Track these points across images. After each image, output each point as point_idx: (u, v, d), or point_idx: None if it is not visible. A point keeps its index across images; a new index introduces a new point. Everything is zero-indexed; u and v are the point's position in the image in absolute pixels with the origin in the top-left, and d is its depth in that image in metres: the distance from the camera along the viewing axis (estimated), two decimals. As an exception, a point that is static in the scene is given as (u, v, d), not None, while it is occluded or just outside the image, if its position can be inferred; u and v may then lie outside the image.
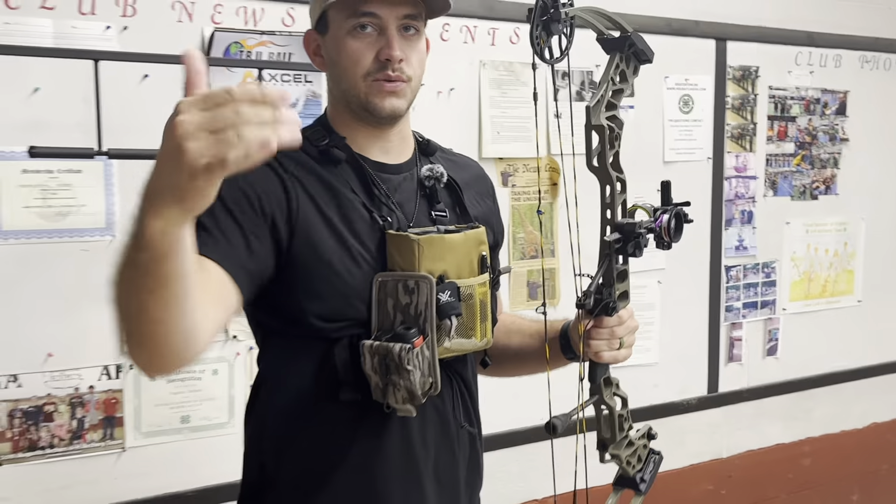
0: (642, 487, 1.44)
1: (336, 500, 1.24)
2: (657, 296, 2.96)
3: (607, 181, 1.32)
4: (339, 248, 1.23)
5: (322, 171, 1.25)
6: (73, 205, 2.04)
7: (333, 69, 1.30)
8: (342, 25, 1.25)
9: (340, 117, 1.32)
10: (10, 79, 1.96)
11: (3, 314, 2.00)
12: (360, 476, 1.25)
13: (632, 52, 1.36)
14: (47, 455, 2.07)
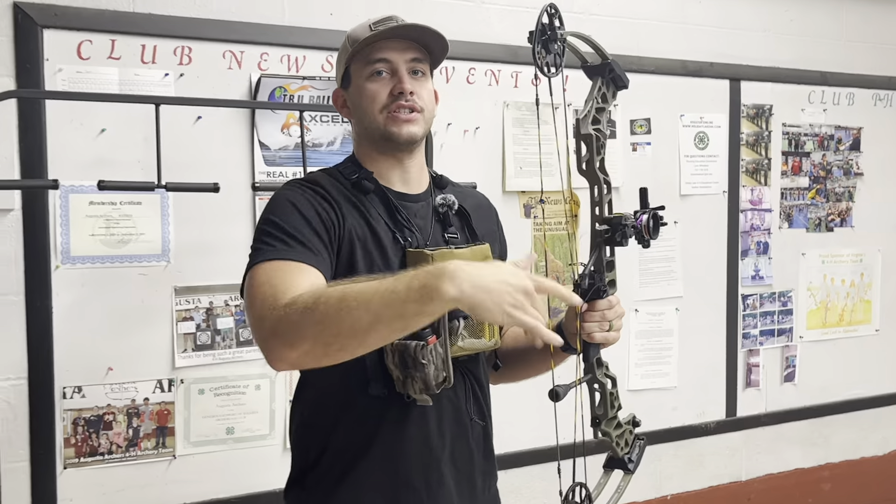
0: (630, 467, 1.60)
1: (366, 479, 1.43)
2: (675, 322, 3.10)
3: (595, 182, 1.53)
4: (367, 262, 1.43)
5: (355, 199, 1.47)
6: (133, 233, 2.27)
7: (357, 112, 1.51)
8: (361, 74, 1.49)
9: (367, 154, 1.53)
10: (80, 121, 2.20)
11: (70, 331, 2.21)
12: (386, 459, 1.44)
13: (611, 77, 1.57)
14: (106, 461, 2.27)
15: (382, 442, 1.43)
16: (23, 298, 2.16)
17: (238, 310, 2.39)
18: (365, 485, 1.44)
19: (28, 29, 2.13)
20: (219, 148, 2.35)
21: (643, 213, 1.52)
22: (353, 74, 1.51)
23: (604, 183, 1.52)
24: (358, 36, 1.48)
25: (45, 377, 2.19)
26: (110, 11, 2.22)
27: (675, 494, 3.17)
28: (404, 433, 1.44)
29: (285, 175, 2.42)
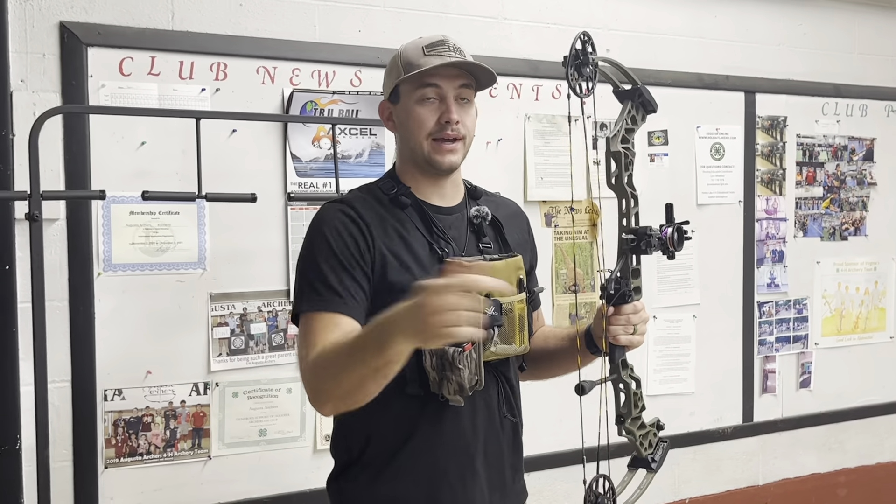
0: (654, 466, 1.69)
1: (405, 472, 1.52)
2: (693, 329, 3.17)
3: (623, 195, 1.64)
4: (404, 273, 1.51)
5: (392, 214, 1.56)
6: (171, 242, 2.36)
7: (403, 131, 1.60)
8: (411, 96, 1.56)
9: (407, 170, 1.62)
10: (122, 134, 2.30)
11: (111, 336, 2.31)
12: (423, 454, 1.52)
13: (640, 102, 1.67)
14: (144, 461, 2.36)
15: (420, 438, 1.52)
16: (67, 304, 2.26)
17: (270, 315, 2.48)
18: (404, 478, 1.52)
19: (73, 47, 2.23)
20: (253, 160, 2.44)
21: (668, 226, 1.63)
22: (403, 94, 1.58)
23: (631, 196, 1.64)
24: (410, 58, 1.56)
25: (87, 380, 2.28)
26: (150, 30, 2.32)
27: (693, 498, 3.23)
28: (440, 430, 1.52)
29: (316, 186, 2.51)
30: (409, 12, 2.65)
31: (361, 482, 1.55)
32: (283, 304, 2.49)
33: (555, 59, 2.86)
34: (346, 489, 1.58)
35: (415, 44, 1.59)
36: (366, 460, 1.54)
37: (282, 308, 2.49)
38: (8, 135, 2.16)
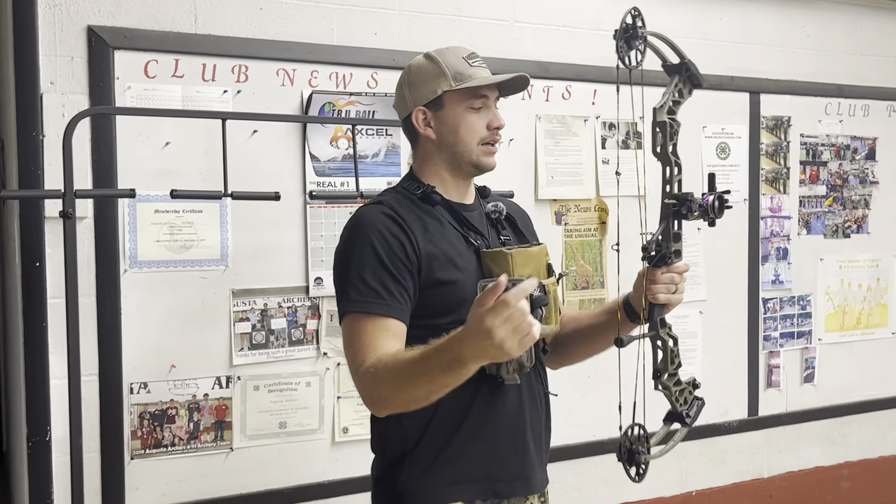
0: (688, 421, 1.77)
1: (462, 453, 1.60)
2: (699, 325, 3.23)
3: (668, 163, 1.73)
4: (449, 267, 1.61)
5: (425, 212, 1.65)
6: (195, 239, 2.43)
7: (451, 136, 1.67)
8: (461, 104, 1.66)
9: (434, 172, 1.71)
10: (147, 135, 2.36)
11: (137, 331, 2.37)
12: (480, 433, 1.60)
13: (687, 76, 1.77)
14: (169, 452, 2.42)
15: (476, 419, 1.60)
16: (94, 300, 2.32)
17: (290, 311, 2.54)
18: (464, 460, 1.60)
19: (100, 50, 2.30)
20: (273, 160, 2.51)
21: (710, 194, 1.72)
22: (449, 102, 1.67)
23: (675, 165, 1.73)
24: (459, 69, 1.66)
25: (114, 374, 2.35)
26: (174, 33, 2.39)
27: (699, 490, 3.30)
28: (495, 409, 1.62)
29: (334, 185, 2.58)
30: (424, 15, 2.72)
31: (419, 472, 1.60)
32: (302, 300, 2.55)
33: (565, 60, 2.96)
34: (404, 481, 1.61)
35: (453, 53, 1.69)
36: (422, 449, 1.61)
37: (301, 304, 2.55)
38: (38, 135, 2.23)
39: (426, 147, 1.72)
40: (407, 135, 1.77)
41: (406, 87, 1.73)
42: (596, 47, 3.00)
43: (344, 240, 1.63)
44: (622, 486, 3.15)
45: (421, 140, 1.72)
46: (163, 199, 2.37)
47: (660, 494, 3.21)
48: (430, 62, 1.69)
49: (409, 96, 1.72)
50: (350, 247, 1.60)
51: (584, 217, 3.01)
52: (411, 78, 1.72)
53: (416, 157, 1.76)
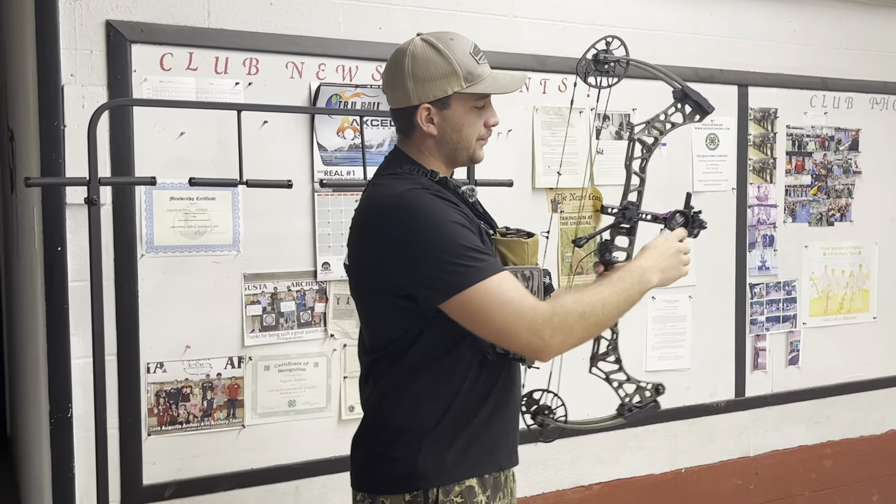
0: (627, 416, 1.85)
1: (485, 430, 1.67)
2: (688, 309, 3.36)
3: (628, 176, 1.84)
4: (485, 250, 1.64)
5: (445, 196, 1.65)
6: (208, 226, 2.53)
7: (451, 133, 1.69)
8: (467, 104, 1.68)
9: (432, 162, 1.71)
10: (163, 126, 2.46)
11: (152, 313, 2.48)
12: (498, 411, 1.69)
13: (693, 102, 1.86)
14: (183, 429, 2.53)
15: (496, 398, 1.69)
16: (113, 283, 2.43)
17: (298, 294, 2.65)
18: (480, 437, 1.67)
19: (118, 44, 2.40)
20: (282, 149, 2.62)
21: (678, 211, 1.85)
22: (456, 101, 1.67)
23: (639, 179, 1.84)
24: (470, 68, 1.65)
25: (131, 354, 2.46)
26: (188, 27, 2.48)
27: (688, 468, 3.43)
28: (510, 389, 1.72)
29: (340, 174, 2.68)
30: (426, 10, 2.82)
31: (439, 452, 1.64)
32: (310, 284, 2.66)
33: (561, 54, 3.07)
34: (424, 462, 1.63)
35: (460, 48, 1.67)
36: (441, 431, 1.64)
37: (309, 288, 2.66)
38: (59, 125, 2.33)
39: (424, 140, 1.71)
40: (400, 122, 1.73)
41: (409, 78, 1.65)
42: (590, 41, 3.10)
43: (410, 227, 1.56)
44: (615, 465, 3.28)
45: (419, 133, 1.70)
46: (178, 186, 2.47)
47: (650, 471, 3.34)
48: (438, 56, 1.64)
49: (412, 89, 1.66)
50: (427, 230, 1.55)
51: (578, 205, 3.12)
52: (416, 69, 1.65)
53: (409, 145, 1.73)
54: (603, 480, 3.27)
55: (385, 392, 1.69)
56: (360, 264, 1.67)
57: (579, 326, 1.57)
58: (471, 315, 1.55)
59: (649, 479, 3.34)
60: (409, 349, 1.64)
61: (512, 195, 2.89)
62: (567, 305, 1.56)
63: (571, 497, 3.19)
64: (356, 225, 1.70)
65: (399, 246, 1.57)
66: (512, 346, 1.60)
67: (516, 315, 1.53)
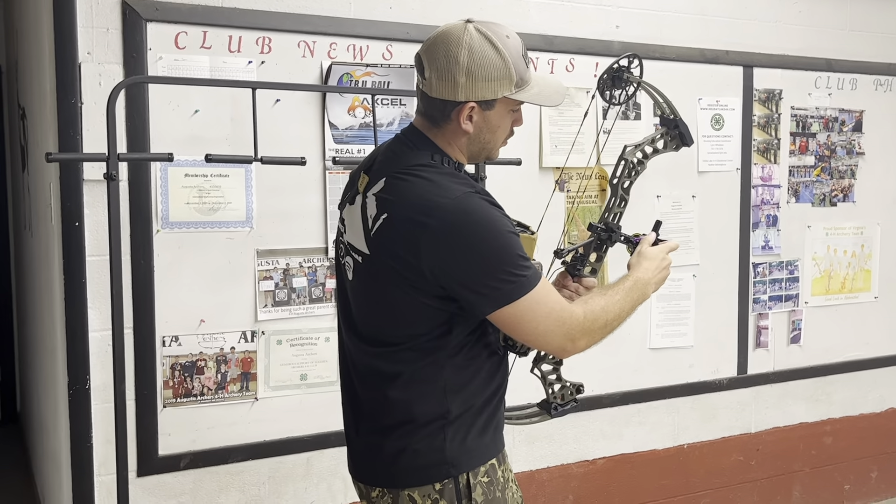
0: (553, 413, 1.91)
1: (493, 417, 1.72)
2: (692, 287, 3.41)
3: (615, 195, 1.90)
4: None
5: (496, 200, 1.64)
6: (222, 202, 2.58)
7: (484, 133, 1.65)
8: (507, 107, 1.64)
9: (458, 154, 1.68)
10: (177, 103, 2.50)
11: (168, 288, 2.53)
12: (500, 401, 1.75)
13: (676, 133, 1.93)
14: (198, 401, 2.59)
15: (500, 379, 1.74)
16: (129, 258, 2.47)
17: (310, 270, 2.70)
18: (493, 419, 1.73)
19: (134, 22, 2.43)
20: (295, 127, 2.66)
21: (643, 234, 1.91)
22: (500, 104, 1.62)
23: (622, 199, 1.90)
24: (521, 74, 1.61)
25: (147, 327, 2.51)
26: (202, 6, 2.52)
27: (690, 444, 3.49)
28: (507, 369, 1.78)
29: (351, 152, 2.72)
30: (436, -10, 2.86)
31: (461, 437, 1.66)
32: (321, 261, 2.71)
33: (568, 34, 3.10)
34: (451, 449, 1.65)
35: (515, 48, 1.61)
36: (464, 417, 1.66)
37: (321, 264, 2.71)
38: (77, 102, 2.37)
39: (457, 135, 1.65)
40: (434, 111, 1.63)
41: (463, 74, 1.57)
42: (598, 22, 3.14)
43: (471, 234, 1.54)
44: (619, 440, 3.34)
45: (453, 127, 1.64)
46: (192, 163, 2.51)
47: (653, 447, 3.40)
48: (496, 55, 1.58)
49: (464, 84, 1.58)
50: (489, 240, 1.54)
51: (585, 184, 3.17)
52: (472, 66, 1.57)
53: (437, 134, 1.66)
54: (606, 455, 3.33)
55: (407, 386, 1.65)
56: (394, 256, 1.58)
57: (600, 333, 1.67)
58: (517, 324, 1.59)
59: (652, 455, 3.40)
60: (435, 344, 1.63)
61: (520, 174, 2.93)
62: (596, 312, 1.66)
63: (576, 471, 3.26)
64: (397, 217, 1.58)
65: (456, 251, 1.54)
66: (544, 347, 1.70)
67: (557, 324, 1.60)
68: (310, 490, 2.76)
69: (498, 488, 1.70)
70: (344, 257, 1.75)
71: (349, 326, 1.75)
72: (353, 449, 1.80)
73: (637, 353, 3.32)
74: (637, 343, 3.32)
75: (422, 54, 1.64)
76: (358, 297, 1.71)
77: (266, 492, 2.69)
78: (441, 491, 1.65)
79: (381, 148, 1.76)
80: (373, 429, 1.71)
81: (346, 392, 1.82)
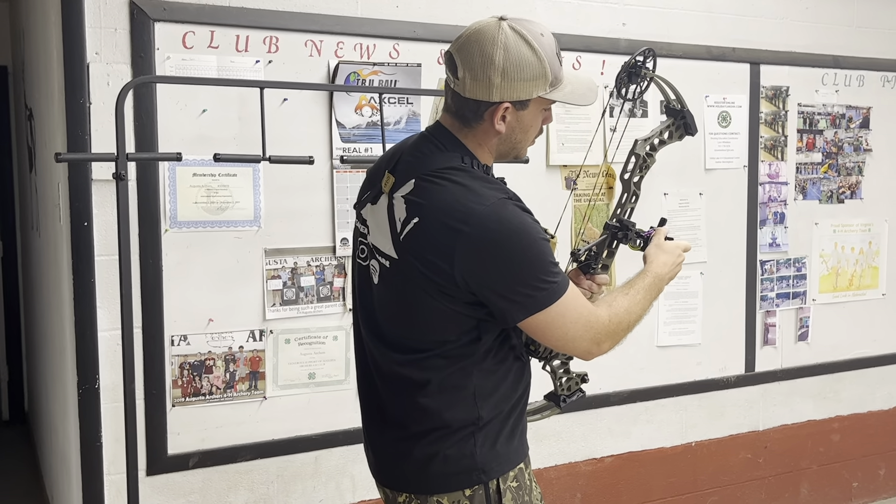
0: (562, 405, 1.91)
1: (520, 424, 1.73)
2: (700, 285, 3.41)
3: (627, 190, 1.89)
4: None
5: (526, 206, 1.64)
6: (230, 201, 2.58)
7: (518, 135, 1.63)
8: (540, 106, 1.62)
9: (486, 155, 1.65)
10: (185, 103, 2.51)
11: (176, 287, 2.53)
12: (527, 398, 1.76)
13: (682, 122, 1.92)
14: (207, 400, 2.60)
15: (525, 383, 1.74)
16: (138, 258, 2.48)
17: (318, 269, 2.70)
18: (520, 423, 1.73)
19: (142, 22, 2.44)
20: (302, 126, 2.66)
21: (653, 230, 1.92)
22: (534, 104, 1.60)
23: (633, 194, 1.89)
24: (556, 73, 1.58)
25: (156, 327, 2.51)
26: (210, 6, 2.52)
27: (698, 441, 3.49)
28: (530, 372, 1.77)
29: (358, 151, 2.72)
30: (443, -11, 2.85)
31: (491, 443, 1.66)
32: (329, 260, 2.72)
33: (575, 32, 3.10)
34: (481, 455, 1.64)
35: (550, 45, 1.59)
36: (492, 423, 1.66)
37: (328, 263, 2.71)
38: (85, 102, 2.37)
39: (488, 136, 1.62)
40: (466, 111, 1.60)
41: (499, 74, 1.54)
42: (604, 20, 3.14)
43: (506, 242, 1.53)
44: (627, 438, 3.34)
45: (484, 127, 1.61)
46: (200, 163, 2.52)
47: (661, 445, 3.40)
48: (532, 55, 1.55)
49: (499, 85, 1.55)
50: (523, 249, 1.53)
51: (592, 182, 3.16)
52: (508, 66, 1.54)
53: (467, 134, 1.63)
54: (615, 453, 3.33)
55: (438, 393, 1.63)
56: (425, 261, 1.55)
57: (623, 334, 1.68)
58: (547, 330, 1.59)
59: (660, 453, 3.40)
60: (463, 351, 1.62)
61: (527, 172, 2.92)
62: (620, 315, 1.66)
63: (584, 469, 3.26)
64: (429, 222, 1.54)
65: (491, 259, 1.52)
66: (571, 352, 1.68)
67: (585, 328, 1.61)
68: (318, 489, 2.77)
69: (526, 492, 1.70)
70: (368, 260, 1.70)
71: (372, 331, 1.71)
72: (378, 454, 1.77)
73: (645, 351, 3.32)
74: (644, 341, 3.31)
75: (454, 53, 1.60)
76: (384, 302, 1.67)
77: (275, 490, 2.70)
78: (471, 497, 1.63)
79: (404, 146, 1.71)
80: (401, 435, 1.68)
81: (367, 397, 1.78)
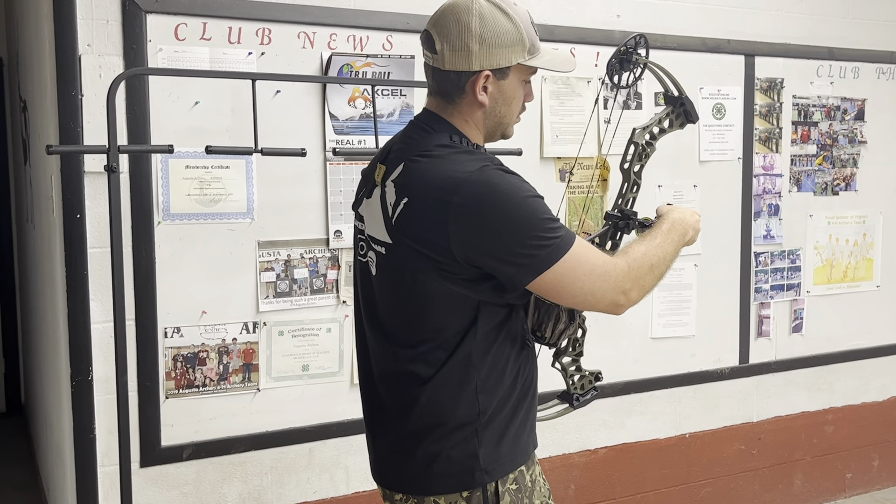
0: (575, 404, 1.88)
1: (528, 415, 1.68)
2: (694, 277, 3.41)
3: (627, 180, 1.85)
4: None
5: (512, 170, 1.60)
6: (223, 194, 2.58)
7: (502, 106, 1.61)
8: (521, 76, 1.61)
9: (476, 135, 1.63)
10: (178, 95, 2.50)
11: (169, 279, 2.53)
12: (532, 394, 1.69)
13: (682, 110, 1.89)
14: (200, 392, 2.60)
15: (531, 378, 1.69)
16: (131, 250, 2.48)
17: (311, 261, 2.70)
18: (526, 422, 1.68)
19: (134, 14, 2.43)
20: (295, 118, 2.66)
21: None
22: (514, 72, 1.58)
23: (634, 183, 1.85)
24: (532, 40, 1.58)
25: (149, 319, 2.51)
26: (202, -3, 2.52)
27: (692, 433, 3.50)
28: (536, 367, 1.72)
29: (352, 143, 2.72)
30: (436, -19, 2.85)
31: (495, 443, 1.61)
32: (322, 252, 2.72)
33: (569, 23, 3.09)
34: (484, 454, 1.60)
35: (524, 16, 1.59)
36: (495, 422, 1.61)
37: (322, 255, 2.72)
38: (77, 95, 2.37)
39: (472, 109, 1.61)
40: (448, 85, 1.59)
41: (476, 41, 1.53)
42: (598, 11, 3.14)
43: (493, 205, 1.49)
44: (621, 429, 3.35)
45: (468, 101, 1.59)
46: (193, 155, 2.51)
47: (656, 436, 3.41)
48: (507, 21, 1.54)
49: (478, 52, 1.53)
50: (512, 207, 1.50)
51: (586, 174, 3.17)
52: (485, 32, 1.53)
53: (452, 112, 1.61)
54: (608, 445, 3.34)
55: (438, 388, 1.60)
56: (419, 239, 1.53)
57: (649, 278, 1.61)
58: (561, 288, 1.53)
59: (654, 444, 3.41)
60: (461, 341, 1.58)
61: (521, 165, 2.92)
62: (638, 258, 1.60)
63: (577, 461, 3.26)
64: (419, 199, 1.53)
65: (485, 224, 1.49)
66: (595, 307, 1.59)
67: (602, 279, 1.54)
68: (312, 480, 2.78)
69: (525, 494, 1.65)
70: (366, 254, 1.67)
71: (374, 328, 1.69)
72: (377, 452, 1.74)
73: (639, 342, 3.32)
74: (639, 332, 3.32)
75: (430, 28, 1.59)
76: (382, 292, 1.64)
77: (268, 482, 2.71)
78: (468, 499, 1.60)
79: (395, 137, 1.70)
80: (402, 434, 1.65)
81: (367, 395, 1.76)
